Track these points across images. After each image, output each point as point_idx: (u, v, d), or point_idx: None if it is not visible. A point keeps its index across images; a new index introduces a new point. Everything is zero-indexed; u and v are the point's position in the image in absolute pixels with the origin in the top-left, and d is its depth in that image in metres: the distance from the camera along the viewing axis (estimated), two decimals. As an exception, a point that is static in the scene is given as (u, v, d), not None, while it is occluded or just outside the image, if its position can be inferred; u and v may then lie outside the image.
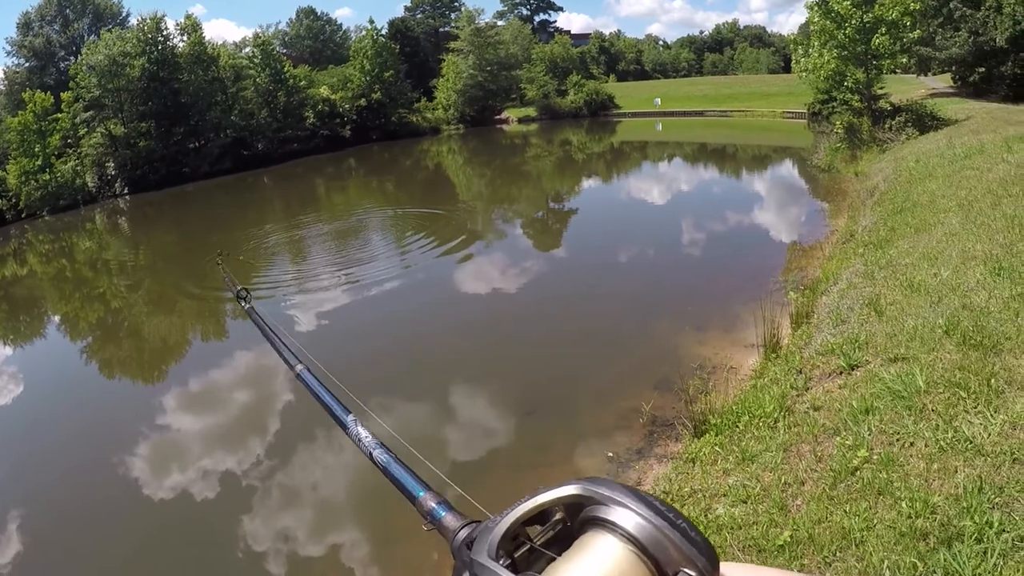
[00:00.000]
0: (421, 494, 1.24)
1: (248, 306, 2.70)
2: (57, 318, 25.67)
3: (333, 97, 64.39)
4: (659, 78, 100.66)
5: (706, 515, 5.82)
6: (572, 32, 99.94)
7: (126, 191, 53.30)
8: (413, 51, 76.27)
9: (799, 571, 4.38)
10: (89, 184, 52.99)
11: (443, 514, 1.16)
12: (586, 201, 31.52)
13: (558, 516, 0.88)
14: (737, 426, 7.27)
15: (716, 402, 8.13)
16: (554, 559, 0.81)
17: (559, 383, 11.47)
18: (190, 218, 41.94)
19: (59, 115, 53.72)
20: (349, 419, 1.57)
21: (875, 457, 5.51)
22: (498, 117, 70.76)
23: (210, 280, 23.59)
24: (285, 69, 63.02)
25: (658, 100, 63.64)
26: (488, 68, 69.69)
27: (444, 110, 70.65)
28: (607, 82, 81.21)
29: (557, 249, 22.29)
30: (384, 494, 1.70)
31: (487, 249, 21.12)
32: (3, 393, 17.32)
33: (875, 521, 4.82)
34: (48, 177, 50.68)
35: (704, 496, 6.18)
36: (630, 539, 0.76)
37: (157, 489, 10.45)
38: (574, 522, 0.85)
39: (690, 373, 9.90)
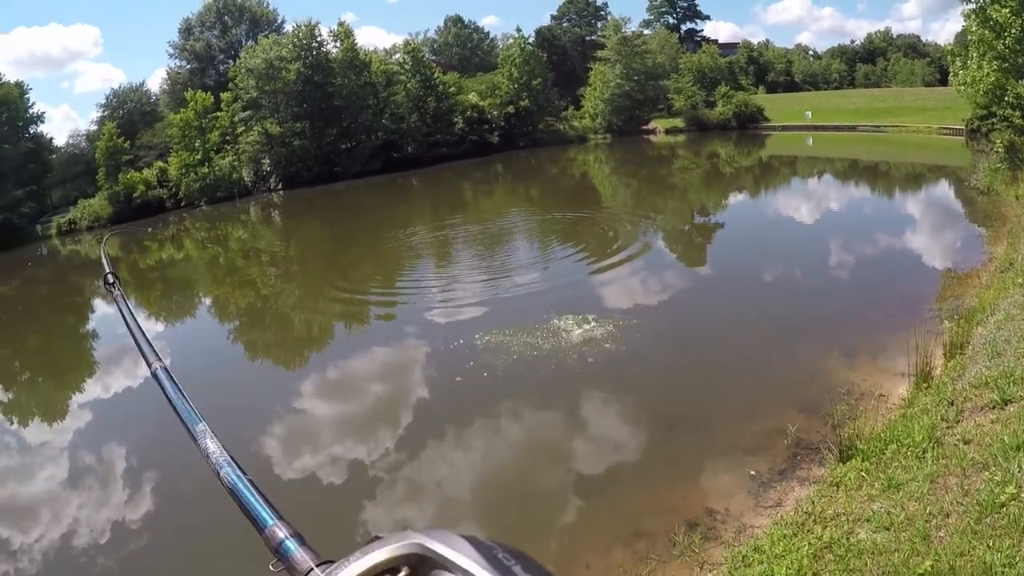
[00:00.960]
0: (269, 523, 1.07)
1: (118, 292, 2.44)
2: (208, 301, 26.38)
3: (481, 104, 64.78)
4: (809, 90, 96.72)
5: (847, 538, 5.68)
6: (720, 41, 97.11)
7: (280, 186, 55.42)
8: (560, 59, 76.33)
9: None
10: (245, 178, 55.36)
11: (292, 551, 1.00)
12: (733, 216, 30.38)
13: (403, 573, 0.80)
14: (884, 454, 7.04)
15: (864, 428, 7.76)
16: None
17: (702, 400, 11.10)
18: (340, 215, 42.91)
19: (218, 114, 56.60)
20: (199, 428, 1.36)
21: (1023, 495, 5.28)
22: (645, 127, 69.47)
23: (355, 275, 23.85)
24: (435, 75, 63.77)
25: (809, 113, 61.05)
26: (635, 77, 68.44)
27: (591, 119, 69.87)
28: (756, 93, 78.42)
29: (702, 266, 21.41)
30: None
31: (632, 263, 20.31)
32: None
33: (1018, 559, 4.68)
34: (207, 170, 53.39)
35: (847, 520, 6.01)
36: None
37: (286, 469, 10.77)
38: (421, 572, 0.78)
39: (838, 398, 9.36)
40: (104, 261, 2.93)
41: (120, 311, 2.22)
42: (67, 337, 24.11)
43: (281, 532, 1.05)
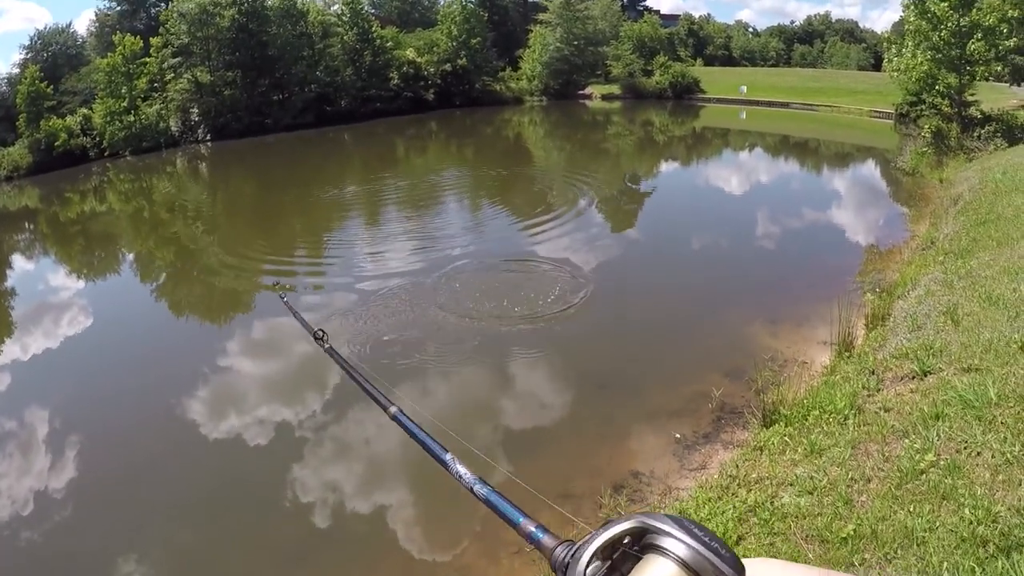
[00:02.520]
0: (521, 520, 1.35)
1: (328, 347, 2.55)
2: (131, 256, 25.94)
3: (419, 60, 63.84)
4: (746, 66, 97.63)
5: (771, 502, 5.85)
6: (662, 12, 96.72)
7: (208, 138, 53.86)
8: (501, 20, 75.61)
9: (860, 565, 4.76)
10: (172, 128, 53.65)
11: (541, 536, 1.27)
12: (663, 184, 30.86)
13: (627, 542, 1.01)
14: (807, 420, 7.23)
15: (787, 395, 7.98)
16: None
17: (629, 362, 11.35)
18: (270, 169, 42.16)
19: (147, 59, 54.33)
20: (447, 458, 1.63)
21: (942, 462, 5.53)
22: (581, 92, 69.47)
23: (281, 232, 23.65)
24: (373, 29, 62.65)
25: (744, 88, 61.62)
26: (575, 42, 68.36)
27: (528, 81, 69.43)
28: (694, 65, 79.00)
29: (631, 230, 21.71)
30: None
31: (561, 224, 20.51)
32: (73, 324, 17.79)
33: (937, 524, 4.89)
34: (133, 119, 51.53)
35: (771, 484, 6.19)
36: (680, 562, 0.93)
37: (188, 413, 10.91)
38: (638, 546, 1.00)
39: (762, 364, 9.88)
40: (303, 322, 3.06)
41: (342, 366, 2.32)
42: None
43: (531, 525, 1.32)
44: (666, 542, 0.96)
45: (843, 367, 8.77)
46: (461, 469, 1.60)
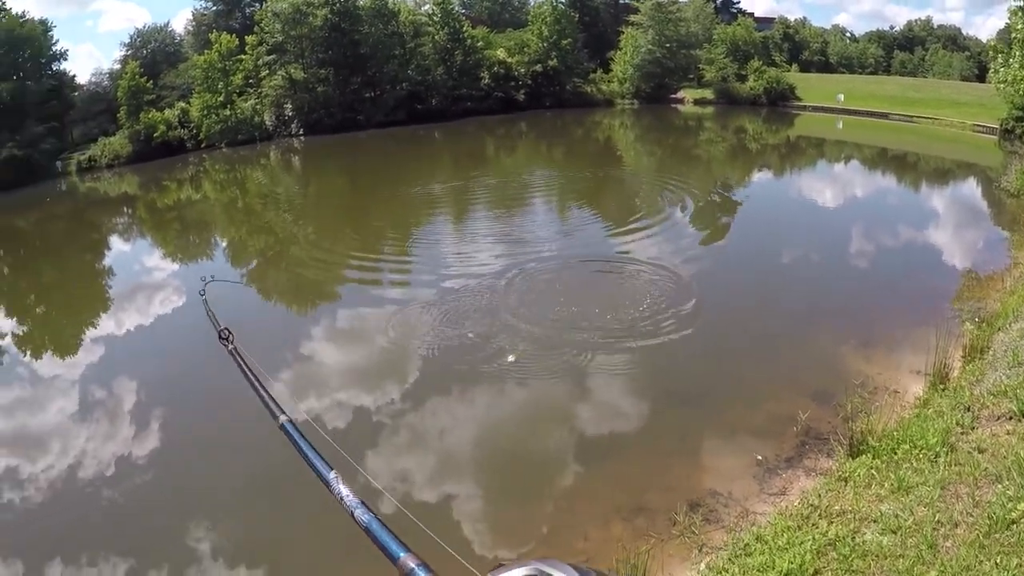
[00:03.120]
0: (401, 555, 1.22)
1: (232, 347, 2.57)
2: (223, 243, 26.40)
3: (509, 60, 63.81)
4: (843, 72, 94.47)
5: (853, 537, 5.58)
6: (756, 15, 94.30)
7: (301, 132, 55.05)
8: (592, 21, 74.98)
9: None
10: (266, 122, 55.02)
11: None
12: (755, 194, 29.88)
13: None
14: (895, 453, 6.90)
15: (876, 424, 7.56)
16: None
17: (713, 376, 11.08)
18: (360, 164, 42.84)
19: (242, 56, 56.04)
20: (331, 476, 1.54)
21: None
22: (673, 96, 68.14)
23: (370, 225, 23.76)
24: (463, 29, 62.91)
25: (841, 96, 59.62)
26: (667, 45, 66.81)
27: (619, 83, 68.42)
28: (789, 71, 76.64)
29: (721, 240, 21.04)
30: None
31: (649, 231, 20.06)
32: (165, 303, 18.60)
33: None
34: (228, 113, 53.16)
35: (853, 518, 5.92)
36: None
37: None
38: None
39: (851, 390, 9.31)
40: (213, 318, 3.08)
41: (240, 366, 2.30)
42: (83, 273, 24.11)
43: (411, 562, 1.22)
44: None
45: (937, 400, 8.32)
46: (344, 490, 1.52)
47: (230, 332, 2.62)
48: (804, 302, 14.48)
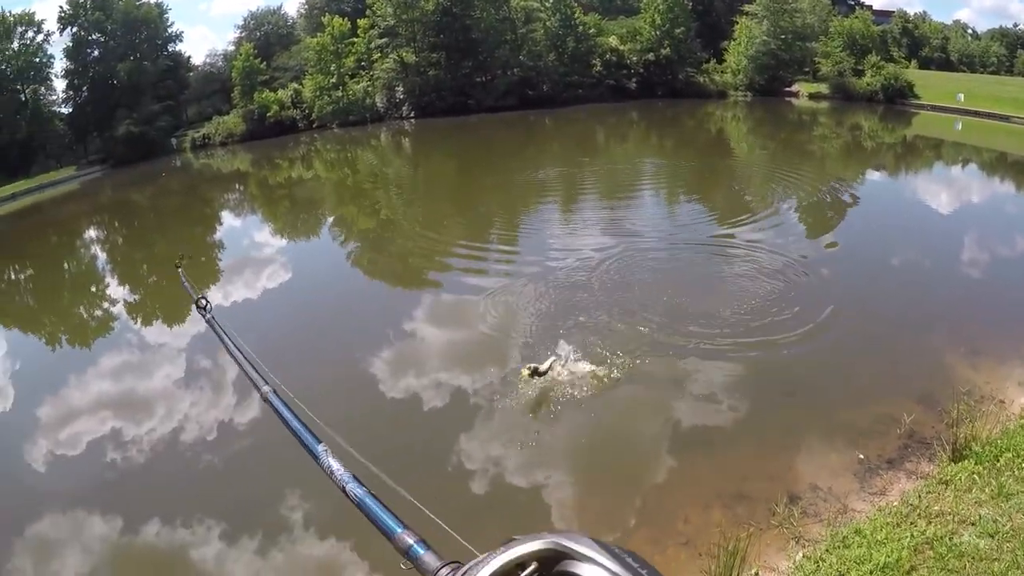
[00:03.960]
0: (399, 531, 1.19)
1: (209, 316, 2.50)
2: (331, 220, 26.58)
3: (621, 48, 63.07)
4: (964, 71, 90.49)
5: (950, 538, 5.66)
6: (874, 8, 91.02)
7: (412, 115, 55.79)
8: (705, 10, 73.49)
9: None
10: (378, 104, 56.06)
11: (421, 552, 1.12)
12: (869, 194, 28.46)
13: (532, 568, 0.87)
14: (998, 461, 6.89)
15: (980, 431, 7.56)
16: None
17: (821, 372, 10.91)
18: (470, 147, 43.15)
19: (355, 39, 57.23)
20: (320, 449, 1.48)
21: None
22: (787, 89, 66.08)
23: (478, 208, 23.53)
24: (575, 15, 62.50)
25: (961, 96, 56.39)
26: (782, 36, 64.87)
27: (732, 75, 66.67)
28: (907, 67, 73.63)
29: (832, 239, 19.98)
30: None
31: (760, 227, 19.32)
32: (274, 277, 18.99)
33: None
34: (340, 94, 54.42)
35: (952, 520, 5.97)
36: None
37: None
38: (549, 573, 0.85)
39: (957, 396, 9.00)
40: (189, 288, 2.97)
41: (218, 336, 2.19)
42: (194, 245, 24.69)
43: (409, 538, 1.15)
44: (586, 570, 0.80)
45: (1043, 412, 8.15)
46: (334, 464, 1.43)
47: (208, 302, 2.57)
48: (915, 306, 13.88)
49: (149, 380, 12.92)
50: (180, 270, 4.53)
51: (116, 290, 20.35)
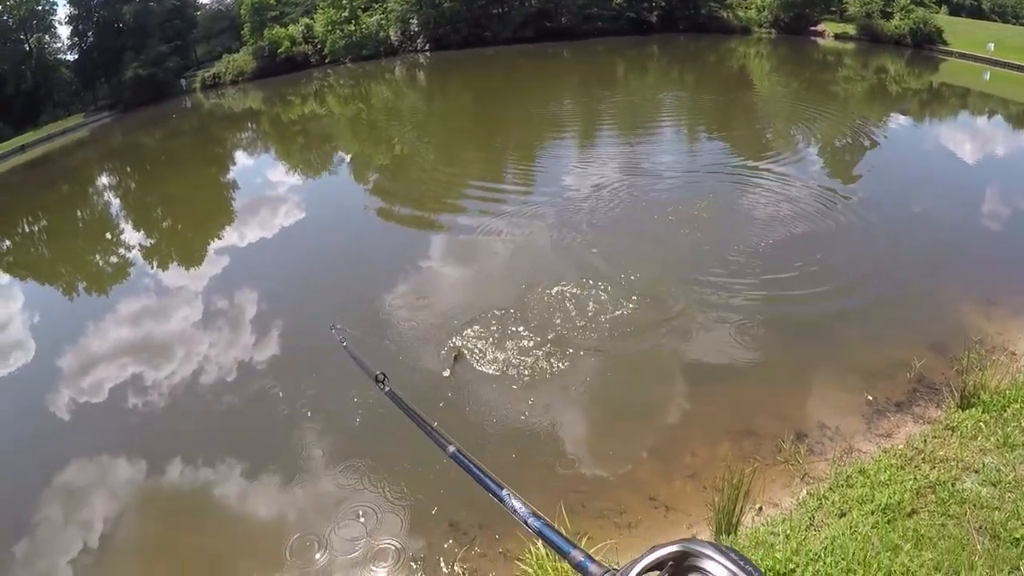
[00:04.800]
0: (571, 551, 1.39)
1: (388, 390, 2.60)
2: (346, 156, 26.52)
3: (643, -21, 61.68)
4: (995, 20, 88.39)
5: (953, 484, 5.75)
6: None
7: (426, 48, 54.74)
8: (730, -59, 72.12)
9: None
10: (391, 38, 54.92)
11: (589, 565, 1.31)
12: (892, 138, 27.93)
13: (668, 566, 1.06)
14: (1005, 411, 6.93)
15: (989, 381, 7.51)
16: None
17: (833, 313, 10.85)
18: (486, 80, 42.60)
19: (368, -30, 55.34)
20: (504, 493, 1.69)
21: None
22: (813, 28, 64.80)
23: (495, 141, 23.36)
24: (596, -57, 60.83)
25: (991, 45, 54.54)
26: (810, -27, 63.96)
27: (757, 11, 65.04)
28: (937, 13, 72.07)
29: (852, 182, 19.60)
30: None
31: (782, 166, 19.07)
32: (289, 215, 18.98)
33: None
34: (353, 28, 53.25)
35: (956, 466, 6.06)
36: None
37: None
38: (679, 570, 1.05)
39: (969, 345, 9.09)
40: (363, 365, 3.01)
41: (401, 408, 2.37)
42: (208, 187, 24.79)
43: (580, 555, 1.35)
44: (707, 564, 1.01)
45: (1053, 366, 8.22)
46: (516, 504, 1.64)
47: (386, 376, 2.66)
48: (932, 253, 13.75)
49: (167, 323, 13.01)
50: (345, 344, 3.75)
51: (131, 235, 20.40)
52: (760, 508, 6.35)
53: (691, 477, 7.15)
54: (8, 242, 23.26)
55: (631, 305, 10.76)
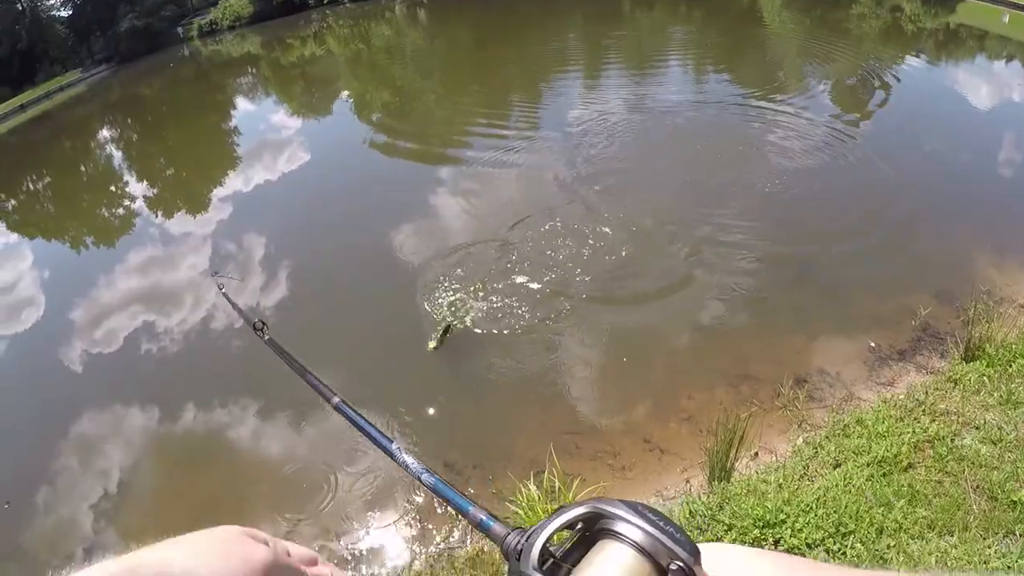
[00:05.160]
0: (470, 508, 1.34)
1: (267, 338, 2.44)
2: (349, 98, 26.40)
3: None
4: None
5: (952, 439, 5.68)
6: None
7: (427, -16, 53.45)
8: None
9: (1021, 536, 4.62)
10: (391, -25, 53.66)
11: (491, 524, 1.26)
12: (905, 79, 27.36)
13: (579, 527, 1.04)
14: (1010, 366, 6.70)
15: (996, 334, 7.32)
16: (579, 561, 1.00)
17: (840, 257, 10.58)
18: (488, 17, 41.82)
19: (366, -96, 54.18)
20: (393, 447, 1.61)
21: None
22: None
23: (497, 85, 23.19)
24: None
25: None
26: (826, -101, 62.21)
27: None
28: (956, -51, 69.89)
29: (864, 121, 19.34)
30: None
31: (791, 105, 18.73)
32: (292, 159, 18.91)
33: None
34: None
35: (956, 421, 5.96)
36: (635, 546, 0.95)
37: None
38: (591, 531, 1.02)
39: (977, 295, 8.71)
40: (240, 312, 3.00)
41: (280, 356, 2.28)
42: (209, 134, 24.69)
43: (480, 514, 1.28)
44: (620, 526, 0.98)
45: (1062, 322, 8.21)
46: (408, 459, 1.58)
47: (264, 323, 2.48)
48: (944, 199, 13.46)
49: (175, 272, 13.16)
50: (223, 292, 3.96)
51: (135, 187, 20.57)
52: (756, 454, 6.38)
53: (687, 420, 7.13)
54: (14, 201, 23.45)
55: (630, 246, 10.70)
